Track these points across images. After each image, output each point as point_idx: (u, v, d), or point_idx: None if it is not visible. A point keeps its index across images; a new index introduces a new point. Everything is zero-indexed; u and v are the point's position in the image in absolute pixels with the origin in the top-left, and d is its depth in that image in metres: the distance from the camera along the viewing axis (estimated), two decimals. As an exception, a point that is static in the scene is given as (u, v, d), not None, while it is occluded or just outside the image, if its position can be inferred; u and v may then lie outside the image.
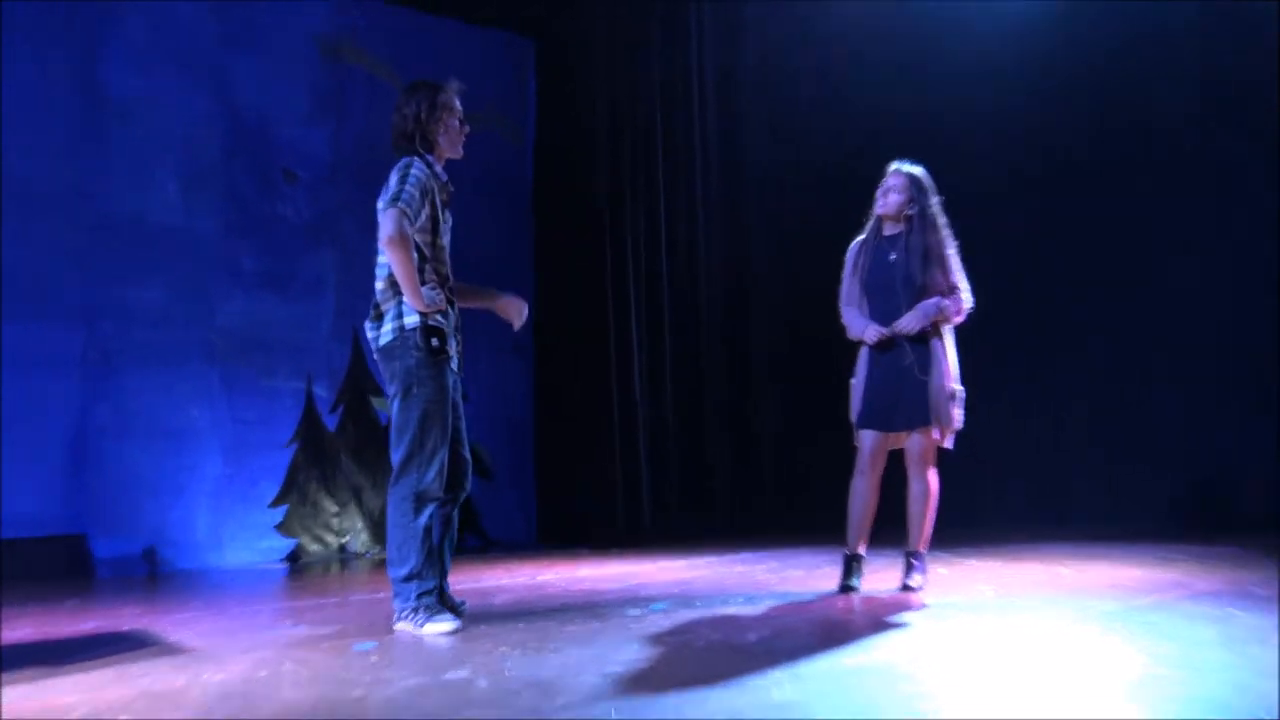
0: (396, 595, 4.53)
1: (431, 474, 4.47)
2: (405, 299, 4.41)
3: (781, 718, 2.98)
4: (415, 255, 4.38)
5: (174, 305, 7.36)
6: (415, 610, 4.46)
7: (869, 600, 5.21)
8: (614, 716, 2.55)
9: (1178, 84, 8.25)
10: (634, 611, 4.90)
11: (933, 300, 5.28)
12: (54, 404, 6.84)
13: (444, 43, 8.67)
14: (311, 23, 8.10)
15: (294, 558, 7.59)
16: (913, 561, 5.50)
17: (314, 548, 7.72)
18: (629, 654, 3.89)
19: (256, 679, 3.58)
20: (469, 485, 4.76)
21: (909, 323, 5.26)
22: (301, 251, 7.77)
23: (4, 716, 3.13)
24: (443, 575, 4.68)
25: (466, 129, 4.68)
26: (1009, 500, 8.76)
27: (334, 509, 7.84)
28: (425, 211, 4.42)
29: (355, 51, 8.29)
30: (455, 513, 4.75)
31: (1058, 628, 4.31)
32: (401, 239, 4.29)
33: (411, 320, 4.42)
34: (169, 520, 7.19)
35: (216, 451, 7.44)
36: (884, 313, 5.41)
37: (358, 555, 7.91)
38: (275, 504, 7.64)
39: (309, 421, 7.81)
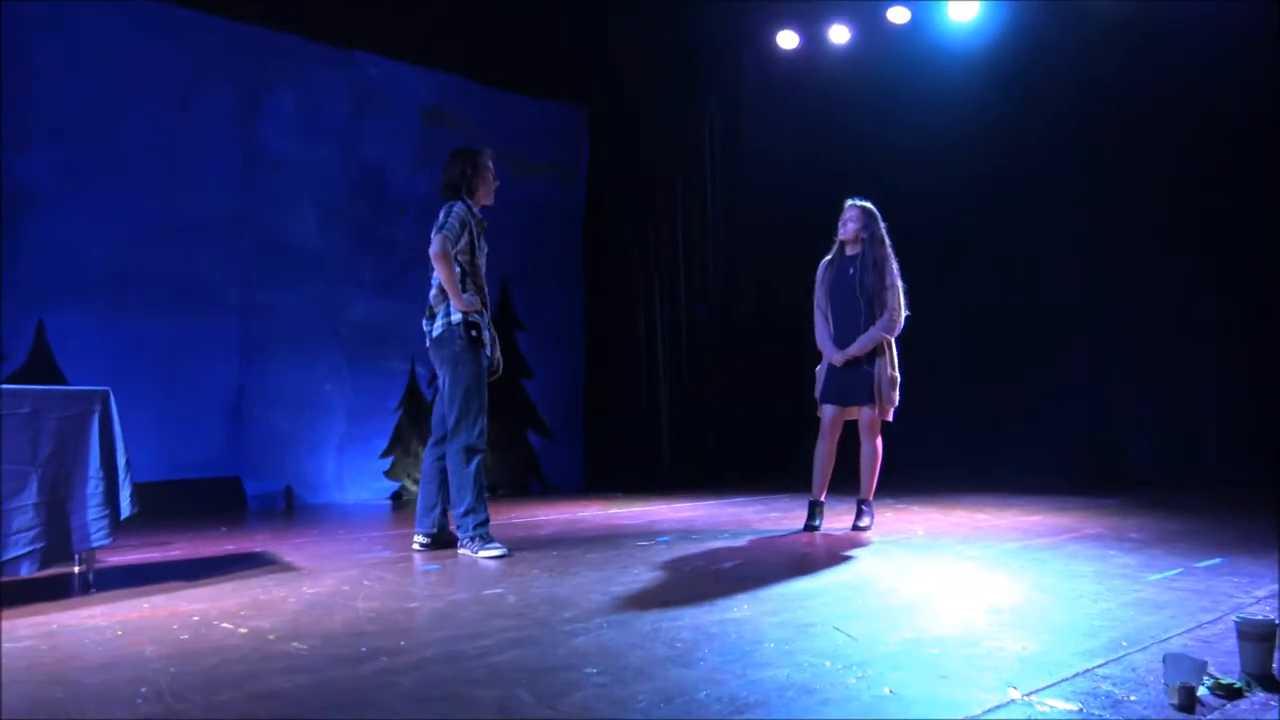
0: (458, 528, 4.50)
1: (476, 431, 4.46)
2: (450, 301, 4.43)
3: (736, 630, 2.86)
4: (458, 270, 4.42)
5: (311, 306, 7.29)
6: (473, 539, 4.43)
7: (827, 537, 5.07)
8: (594, 674, 2.41)
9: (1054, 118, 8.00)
10: (643, 543, 4.80)
11: (873, 334, 5.18)
12: (218, 379, 6.80)
13: (518, 112, 8.58)
14: (418, 97, 8.01)
15: (397, 496, 7.51)
16: (862, 507, 5.38)
17: (413, 488, 7.62)
18: (631, 577, 3.79)
19: (340, 592, 3.51)
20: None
21: (856, 349, 5.20)
22: (408, 266, 7.62)
23: (147, 616, 3.07)
24: (444, 511, 4.61)
25: (497, 183, 4.73)
26: (947, 459, 8.51)
27: (430, 460, 7.75)
28: (464, 239, 4.45)
29: (451, 118, 8.20)
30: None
31: (966, 561, 4.16)
32: (444, 255, 4.37)
33: (456, 317, 4.46)
34: (304, 466, 7.13)
35: (342, 415, 7.38)
36: (845, 313, 5.34)
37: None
38: (384, 455, 7.56)
39: (411, 393, 7.72)
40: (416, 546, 4.59)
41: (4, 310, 5.99)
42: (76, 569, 3.69)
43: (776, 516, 5.94)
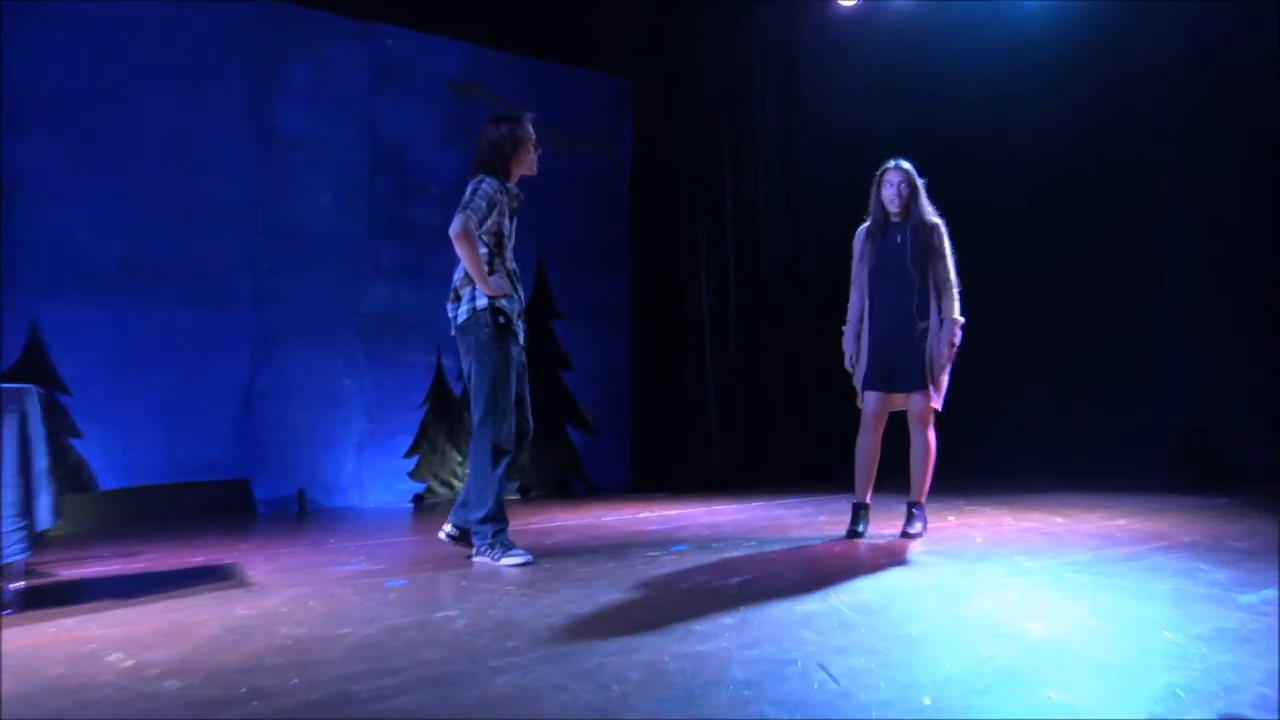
0: (476, 534, 4.26)
1: (505, 430, 4.21)
2: (476, 284, 4.16)
3: (696, 668, 2.44)
4: (485, 251, 4.15)
5: (327, 293, 7.10)
6: (492, 546, 4.20)
7: (869, 545, 4.59)
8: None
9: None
10: (653, 553, 4.39)
11: (945, 352, 4.67)
12: (227, 374, 6.64)
13: (553, 83, 8.24)
14: (445, 68, 7.75)
15: (420, 499, 7.24)
16: (913, 511, 4.88)
17: (440, 490, 7.36)
18: (612, 596, 3.40)
19: (274, 614, 3.19)
20: (526, 444, 4.42)
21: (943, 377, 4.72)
22: (432, 249, 7.33)
23: (43, 642, 2.80)
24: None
25: (539, 149, 4.42)
26: (1038, 454, 7.86)
27: (459, 458, 7.47)
28: (491, 218, 4.16)
29: (481, 90, 7.90)
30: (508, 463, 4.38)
31: (1019, 577, 3.63)
32: (465, 235, 4.07)
33: (481, 302, 4.18)
34: (320, 467, 6.93)
35: (361, 411, 7.16)
36: (895, 289, 4.79)
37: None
38: (409, 454, 7.31)
39: (438, 387, 7.46)
40: (443, 536, 4.37)
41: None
42: (15, 585, 3.46)
43: (822, 521, 5.47)
